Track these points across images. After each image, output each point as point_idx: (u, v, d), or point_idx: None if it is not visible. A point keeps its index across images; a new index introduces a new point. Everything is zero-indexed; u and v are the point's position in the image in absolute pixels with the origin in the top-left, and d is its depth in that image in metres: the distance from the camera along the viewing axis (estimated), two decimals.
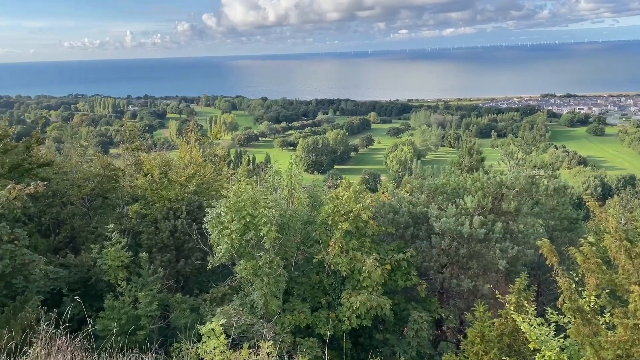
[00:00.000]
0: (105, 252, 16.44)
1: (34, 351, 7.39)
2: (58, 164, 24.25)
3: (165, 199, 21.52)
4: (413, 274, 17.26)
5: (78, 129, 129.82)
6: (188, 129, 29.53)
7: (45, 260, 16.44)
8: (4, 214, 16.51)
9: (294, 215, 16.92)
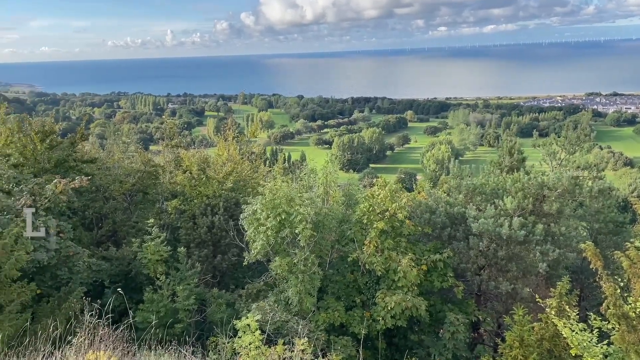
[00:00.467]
0: (145, 246, 16.89)
1: (77, 340, 7.66)
2: (101, 160, 25.09)
3: (203, 195, 21.94)
4: (450, 275, 17.02)
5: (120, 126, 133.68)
6: (226, 126, 30.00)
7: (89, 253, 17.04)
8: (50, 207, 17.17)
9: (329, 214, 16.96)
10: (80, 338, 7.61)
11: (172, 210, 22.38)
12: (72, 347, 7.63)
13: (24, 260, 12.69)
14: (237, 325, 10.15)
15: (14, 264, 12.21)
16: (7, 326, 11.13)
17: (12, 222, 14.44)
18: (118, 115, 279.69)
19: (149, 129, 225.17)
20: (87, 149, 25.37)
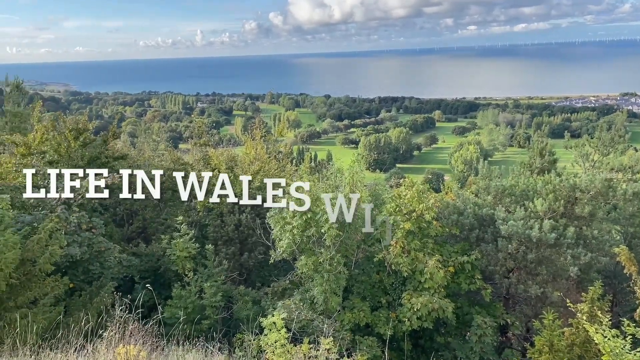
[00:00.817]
0: (174, 243, 17.18)
1: (108, 334, 7.85)
2: (132, 158, 25.60)
3: None
4: (477, 278, 16.78)
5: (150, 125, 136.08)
6: (253, 126, 30.26)
7: (119, 249, 17.44)
8: (83, 203, 17.65)
9: (355, 213, 16.91)
10: (111, 332, 7.79)
11: (200, 208, 22.68)
12: (103, 341, 7.82)
13: (58, 255, 13.05)
14: (263, 323, 10.23)
15: (48, 258, 12.58)
16: (41, 319, 11.46)
17: (47, 217, 14.88)
18: (149, 114, 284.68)
19: (178, 127, 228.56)
20: (119, 147, 25.92)
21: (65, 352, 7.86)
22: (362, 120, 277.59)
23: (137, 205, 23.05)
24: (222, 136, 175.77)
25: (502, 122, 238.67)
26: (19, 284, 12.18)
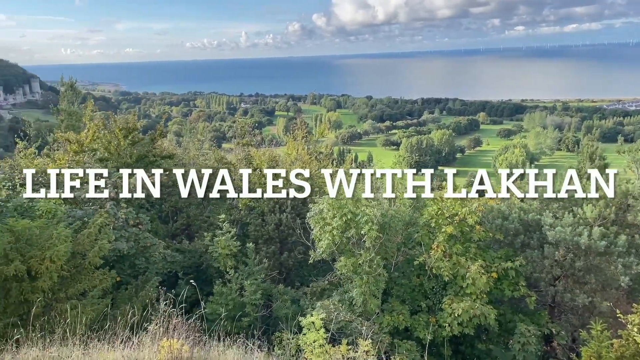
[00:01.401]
0: (217, 240, 17.50)
1: (153, 328, 8.07)
2: (178, 156, 26.26)
3: None
4: (522, 285, 16.32)
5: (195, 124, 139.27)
6: (295, 126, 30.45)
7: (164, 245, 17.91)
8: (130, 200, 18.21)
9: (395, 216, 16.78)
10: (156, 325, 8.01)
11: (242, 207, 23.02)
12: (147, 334, 8.04)
13: (106, 249, 13.52)
14: (302, 322, 10.28)
15: (97, 252, 13.05)
16: (90, 310, 11.90)
17: (97, 212, 15.45)
18: (194, 113, 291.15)
19: (222, 127, 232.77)
20: (165, 146, 26.63)
21: (112, 343, 8.14)
22: (404, 122, 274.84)
23: (181, 202, 23.61)
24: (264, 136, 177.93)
25: (549, 125, 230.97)
26: (70, 276, 12.67)
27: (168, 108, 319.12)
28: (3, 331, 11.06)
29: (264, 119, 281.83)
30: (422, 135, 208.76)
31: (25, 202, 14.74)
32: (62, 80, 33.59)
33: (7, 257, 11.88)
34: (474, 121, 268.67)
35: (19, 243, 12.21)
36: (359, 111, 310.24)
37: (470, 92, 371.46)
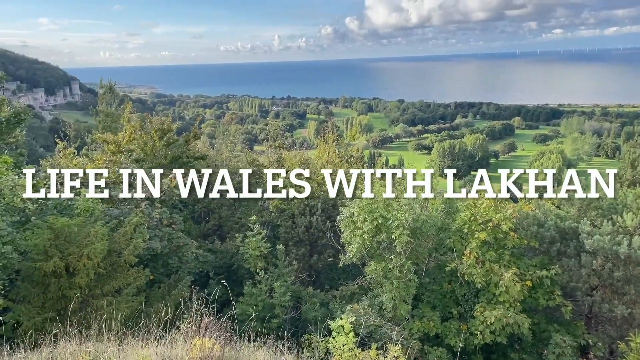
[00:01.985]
0: (247, 241, 17.68)
1: (185, 326, 8.20)
2: (211, 158, 26.67)
3: None
4: (557, 294, 15.90)
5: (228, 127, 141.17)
6: (326, 129, 30.52)
7: (196, 245, 18.20)
8: (165, 200, 18.60)
9: (427, 221, 16.58)
10: (188, 324, 8.14)
11: (273, 209, 23.19)
12: (180, 332, 8.19)
13: (141, 248, 13.84)
14: (331, 325, 10.28)
15: (132, 251, 13.37)
16: (124, 307, 12.19)
17: (132, 212, 15.82)
18: (227, 116, 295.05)
19: (254, 130, 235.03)
20: (199, 147, 27.08)
21: (145, 340, 8.31)
22: (437, 126, 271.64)
23: (214, 203, 23.97)
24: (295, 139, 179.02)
25: (588, 131, 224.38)
26: (106, 273, 13.02)
27: (202, 110, 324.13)
28: (42, 325, 11.44)
29: (295, 122, 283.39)
30: (455, 140, 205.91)
31: (65, 201, 15.22)
32: (101, 83, 34.60)
33: (47, 254, 12.30)
34: (508, 126, 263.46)
35: (58, 240, 12.62)
36: (391, 115, 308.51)
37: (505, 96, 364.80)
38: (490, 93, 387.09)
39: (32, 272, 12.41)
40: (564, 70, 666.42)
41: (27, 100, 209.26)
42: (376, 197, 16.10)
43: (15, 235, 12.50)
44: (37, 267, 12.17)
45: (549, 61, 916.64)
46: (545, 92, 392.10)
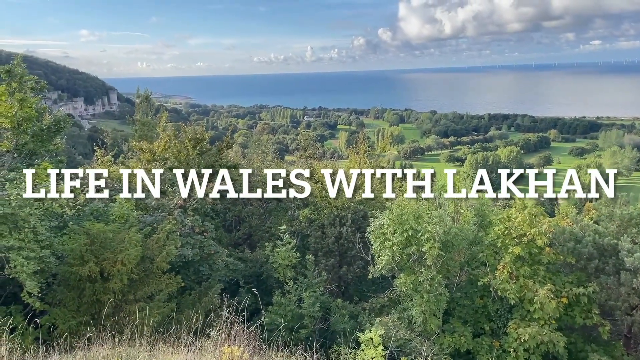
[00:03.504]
0: (277, 251, 17.74)
1: (215, 334, 8.27)
2: (242, 167, 26.97)
3: (332, 206, 22.48)
4: (594, 312, 15.36)
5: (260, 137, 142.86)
6: (357, 140, 30.46)
7: (227, 253, 18.37)
8: (197, 208, 18.87)
9: (459, 234, 16.31)
10: (218, 332, 8.20)
11: (303, 219, 23.25)
12: (210, 339, 8.25)
13: (173, 255, 14.06)
14: (360, 337, 10.18)
15: (165, 257, 13.59)
16: (156, 313, 12.38)
17: (165, 219, 16.11)
18: (259, 126, 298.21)
19: (285, 140, 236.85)
20: (231, 156, 27.42)
21: (176, 347, 8.41)
22: (469, 138, 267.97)
23: (244, 212, 24.19)
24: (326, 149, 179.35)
25: (627, 144, 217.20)
26: (139, 279, 13.26)
27: (234, 120, 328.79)
28: (76, 329, 11.72)
29: (326, 133, 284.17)
30: (488, 152, 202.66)
31: (101, 207, 15.62)
32: (138, 92, 35.47)
33: (83, 259, 12.61)
34: (544, 138, 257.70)
35: (93, 245, 12.93)
36: (422, 126, 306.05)
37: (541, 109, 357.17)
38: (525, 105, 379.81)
39: (68, 277, 12.74)
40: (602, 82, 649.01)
41: (67, 109, 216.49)
42: (406, 209, 15.97)
43: (53, 240, 12.88)
44: (73, 272, 12.48)
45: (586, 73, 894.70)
46: (583, 104, 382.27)
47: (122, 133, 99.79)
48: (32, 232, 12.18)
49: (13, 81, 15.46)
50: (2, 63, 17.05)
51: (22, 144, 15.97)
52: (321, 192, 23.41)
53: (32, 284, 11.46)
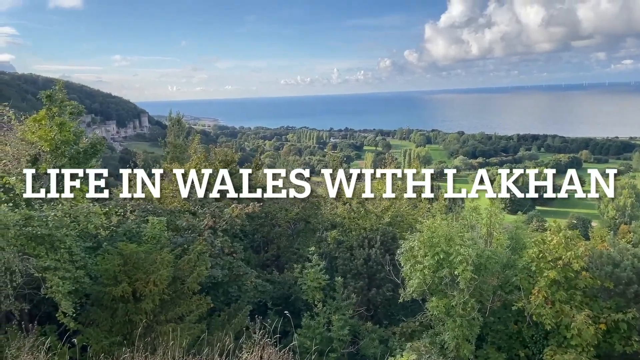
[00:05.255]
0: (306, 272, 17.68)
1: (246, 356, 8.23)
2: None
3: (361, 227, 22.38)
4: (635, 339, 14.79)
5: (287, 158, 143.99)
6: (384, 161, 30.43)
7: (255, 274, 18.39)
8: (227, 229, 19.02)
9: (492, 257, 15.97)
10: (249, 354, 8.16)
11: (331, 240, 23.16)
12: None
13: (204, 275, 14.17)
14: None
15: (195, 278, 13.71)
16: (187, 334, 12.42)
17: (196, 240, 16.27)
18: (285, 147, 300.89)
19: (311, 161, 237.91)
20: (259, 178, 27.64)
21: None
22: (498, 158, 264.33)
23: (273, 233, 24.23)
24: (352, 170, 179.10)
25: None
26: (170, 299, 13.38)
27: (261, 142, 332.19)
28: (109, 349, 11.84)
29: (353, 154, 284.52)
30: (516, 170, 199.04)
31: (134, 228, 15.90)
32: (170, 115, 36.30)
33: (116, 279, 12.82)
34: (575, 159, 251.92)
35: (127, 266, 13.14)
36: (450, 147, 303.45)
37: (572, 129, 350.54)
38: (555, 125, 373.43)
39: (101, 297, 12.94)
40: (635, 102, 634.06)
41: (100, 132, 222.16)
42: (437, 231, 15.76)
43: (88, 261, 13.15)
44: (107, 292, 12.68)
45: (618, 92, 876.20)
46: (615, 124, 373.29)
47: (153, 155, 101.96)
48: (67, 253, 12.46)
49: (53, 106, 16.02)
50: (40, 88, 17.72)
51: (60, 166, 16.46)
52: (349, 214, 23.35)
53: (67, 303, 11.68)
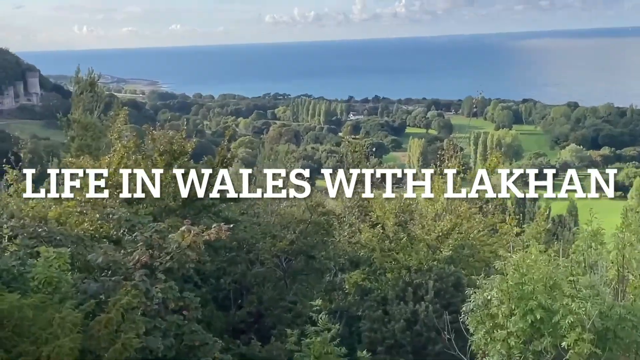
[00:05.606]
0: (308, 343, 17.65)
1: None
2: (246, 200, 26.98)
3: (402, 266, 22.36)
4: None
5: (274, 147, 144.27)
6: (442, 153, 30.29)
7: (221, 346, 18.36)
8: (172, 268, 18.93)
9: (626, 316, 16.00)
10: None
11: (350, 288, 23.19)
12: None
13: (133, 348, 14.16)
14: None
15: (119, 351, 13.71)
16: None
17: (120, 286, 16.27)
18: (272, 129, 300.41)
19: (316, 153, 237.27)
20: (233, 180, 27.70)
21: None
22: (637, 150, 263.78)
23: (251, 276, 24.11)
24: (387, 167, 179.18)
25: None
26: None
27: (232, 120, 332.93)
28: None
29: (387, 140, 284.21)
30: None
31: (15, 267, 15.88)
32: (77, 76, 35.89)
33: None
34: None
35: (2, 332, 13.16)
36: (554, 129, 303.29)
37: None
38: None
39: None
40: None
41: None
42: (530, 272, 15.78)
43: None
44: None
45: None
46: None
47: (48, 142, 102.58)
48: None
49: None
50: None
51: None
52: (382, 243, 23.37)
53: None
